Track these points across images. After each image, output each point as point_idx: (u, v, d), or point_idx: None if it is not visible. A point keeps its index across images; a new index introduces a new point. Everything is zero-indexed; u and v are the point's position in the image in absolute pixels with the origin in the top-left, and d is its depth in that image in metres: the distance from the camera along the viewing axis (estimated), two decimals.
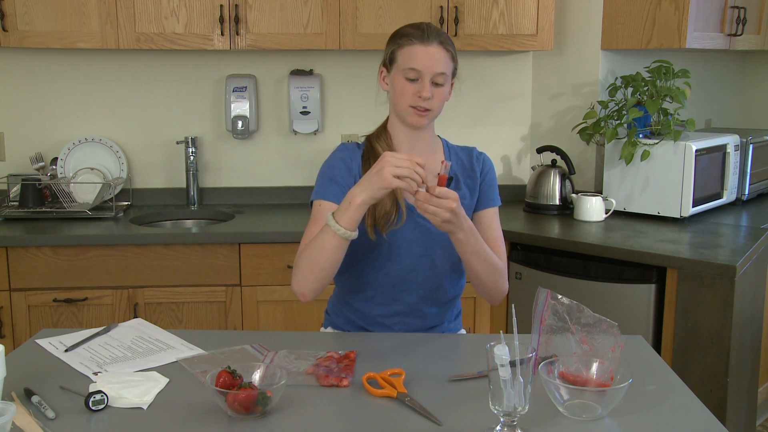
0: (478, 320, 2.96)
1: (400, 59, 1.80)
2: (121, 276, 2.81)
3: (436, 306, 1.91)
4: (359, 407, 1.45)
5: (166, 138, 3.36)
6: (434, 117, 1.85)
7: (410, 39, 1.79)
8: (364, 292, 1.89)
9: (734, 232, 2.87)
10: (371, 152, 1.86)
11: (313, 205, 1.83)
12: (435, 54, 1.78)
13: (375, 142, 1.88)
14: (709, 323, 2.42)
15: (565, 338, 1.52)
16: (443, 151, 1.95)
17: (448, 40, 1.83)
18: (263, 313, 2.88)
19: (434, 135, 1.95)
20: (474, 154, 1.96)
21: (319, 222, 1.73)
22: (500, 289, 1.87)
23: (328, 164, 1.88)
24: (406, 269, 1.85)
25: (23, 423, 1.35)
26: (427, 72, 1.77)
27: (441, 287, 1.90)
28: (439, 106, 1.83)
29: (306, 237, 1.77)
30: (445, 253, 1.85)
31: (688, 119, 3.12)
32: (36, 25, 2.91)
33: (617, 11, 3.18)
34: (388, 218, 1.80)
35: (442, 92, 1.82)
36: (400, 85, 1.80)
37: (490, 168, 1.97)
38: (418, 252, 1.84)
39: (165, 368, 1.62)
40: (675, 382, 1.57)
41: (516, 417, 1.31)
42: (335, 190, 1.80)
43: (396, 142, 1.89)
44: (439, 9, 3.03)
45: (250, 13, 2.98)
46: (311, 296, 1.73)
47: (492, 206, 1.93)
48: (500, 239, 1.92)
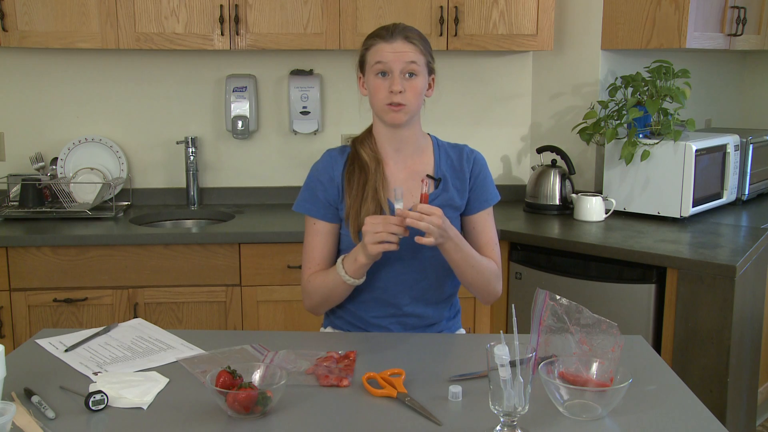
0: (478, 320, 2.96)
1: (369, 58, 1.81)
2: (121, 276, 2.81)
3: (430, 306, 1.91)
4: (359, 407, 1.45)
5: (166, 138, 3.36)
6: (412, 113, 1.82)
7: (376, 39, 1.81)
8: (358, 297, 1.90)
9: (734, 232, 2.87)
10: (356, 157, 1.87)
11: (306, 222, 1.90)
12: (399, 47, 1.78)
13: (359, 146, 1.89)
14: (709, 323, 2.42)
15: (564, 339, 1.52)
16: (432, 149, 1.92)
17: (416, 35, 1.81)
18: (263, 313, 2.88)
19: (422, 134, 1.93)
20: (464, 153, 1.93)
21: (315, 243, 1.87)
22: (492, 292, 1.88)
23: (312, 179, 1.91)
24: (396, 272, 1.86)
25: (23, 423, 1.35)
26: (394, 64, 1.77)
27: (432, 288, 1.90)
28: (414, 100, 1.80)
29: (307, 258, 1.89)
30: (433, 255, 1.85)
31: (688, 119, 3.12)
32: (36, 25, 2.91)
33: (617, 11, 3.18)
34: None
35: (416, 85, 1.79)
36: (373, 84, 1.80)
37: (482, 167, 1.93)
38: (406, 255, 1.84)
39: (165, 368, 1.62)
40: (675, 382, 1.56)
41: (516, 417, 1.31)
42: (320, 208, 1.87)
43: (380, 145, 1.88)
44: (439, 9, 3.03)
45: (250, 13, 2.98)
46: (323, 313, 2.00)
47: (486, 208, 1.92)
48: (494, 242, 1.91)
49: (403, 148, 1.88)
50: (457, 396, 1.46)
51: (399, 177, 1.88)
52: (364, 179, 1.84)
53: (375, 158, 1.86)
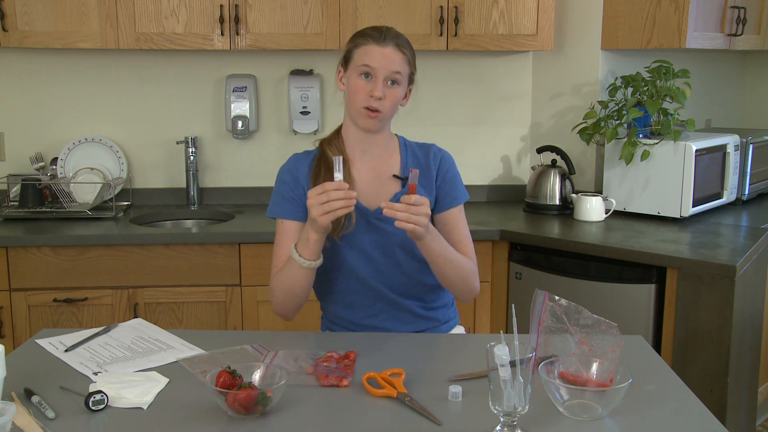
0: (478, 320, 2.96)
1: (355, 57, 1.81)
2: (121, 276, 2.81)
3: (417, 299, 1.92)
4: (359, 407, 1.45)
5: (166, 138, 3.36)
6: (385, 120, 1.83)
7: (367, 39, 1.80)
8: (343, 300, 1.92)
9: (734, 232, 2.87)
10: (323, 158, 1.88)
11: (276, 224, 1.90)
12: (389, 54, 1.78)
13: (326, 147, 1.89)
14: (709, 323, 2.42)
15: (563, 339, 1.52)
16: (399, 150, 1.93)
17: (406, 44, 1.82)
18: (263, 313, 2.88)
19: (390, 135, 1.93)
20: (431, 152, 1.93)
21: (284, 241, 1.86)
22: (471, 289, 1.87)
23: (278, 181, 1.91)
24: (372, 271, 1.87)
25: (23, 423, 1.35)
26: (380, 70, 1.77)
27: (412, 281, 1.90)
28: (390, 109, 1.81)
29: (275, 257, 1.87)
30: (405, 250, 1.86)
31: (688, 119, 3.12)
32: (36, 25, 2.91)
33: (617, 11, 3.18)
34: (338, 223, 1.82)
35: (395, 94, 1.80)
36: (354, 83, 1.80)
37: (449, 166, 1.93)
38: (377, 253, 1.85)
39: (165, 368, 1.62)
40: (675, 382, 1.56)
41: (516, 417, 1.31)
42: (288, 207, 1.87)
43: (348, 146, 1.89)
44: (439, 9, 3.03)
45: (250, 13, 2.98)
46: (294, 316, 1.88)
47: (455, 205, 1.91)
48: (467, 239, 1.91)
49: (370, 150, 1.89)
50: (457, 396, 1.46)
51: (366, 177, 1.88)
52: (330, 179, 1.84)
53: None
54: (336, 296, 1.93)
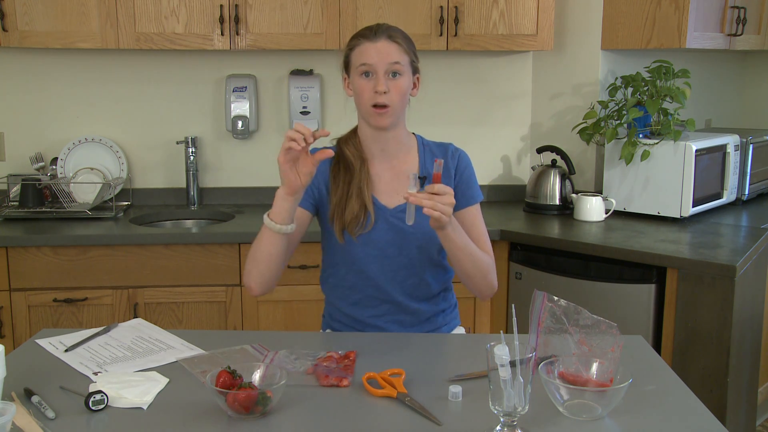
0: (478, 320, 2.96)
1: (353, 59, 1.82)
2: (121, 276, 2.81)
3: (424, 302, 1.92)
4: (359, 407, 1.45)
5: (166, 138, 3.36)
6: (396, 114, 1.81)
7: (360, 39, 1.81)
8: (351, 297, 1.91)
9: (734, 232, 2.87)
10: (341, 156, 1.88)
11: None
12: (383, 48, 1.78)
13: (344, 146, 1.90)
14: (709, 323, 2.42)
15: (563, 339, 1.52)
16: (417, 149, 1.93)
17: (399, 34, 1.82)
18: (263, 313, 2.88)
19: (407, 133, 1.93)
20: (449, 150, 1.93)
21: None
22: (490, 284, 1.87)
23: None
24: (385, 270, 1.86)
25: (23, 423, 1.35)
26: (378, 65, 1.77)
27: (424, 283, 1.90)
28: (399, 101, 1.80)
29: None
30: (421, 251, 1.86)
31: (688, 119, 3.12)
32: (36, 25, 2.91)
33: (617, 11, 3.18)
34: (357, 222, 1.82)
35: (399, 85, 1.79)
36: (358, 85, 1.81)
37: (466, 165, 1.93)
38: (393, 252, 1.85)
39: (165, 368, 1.62)
40: (675, 382, 1.56)
41: (516, 417, 1.31)
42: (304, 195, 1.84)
43: (365, 145, 1.89)
44: (439, 9, 3.03)
45: (250, 13, 2.98)
46: (258, 290, 1.79)
47: (473, 203, 1.91)
48: (485, 236, 1.91)
49: (387, 148, 1.89)
50: (457, 396, 1.46)
51: (384, 176, 1.88)
52: (349, 178, 1.85)
53: (360, 157, 1.87)
54: (344, 292, 1.92)
